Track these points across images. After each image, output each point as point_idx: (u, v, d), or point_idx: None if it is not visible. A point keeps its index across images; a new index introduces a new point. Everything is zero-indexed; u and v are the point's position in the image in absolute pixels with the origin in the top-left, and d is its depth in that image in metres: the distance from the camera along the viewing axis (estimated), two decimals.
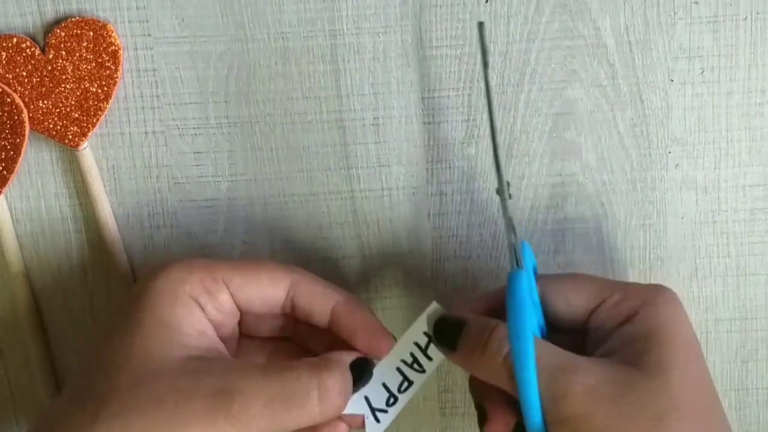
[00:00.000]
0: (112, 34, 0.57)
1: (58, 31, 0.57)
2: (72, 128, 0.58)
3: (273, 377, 0.48)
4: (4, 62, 0.57)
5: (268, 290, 0.52)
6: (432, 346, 0.53)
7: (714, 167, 0.60)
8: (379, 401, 0.53)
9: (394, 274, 0.61)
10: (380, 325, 0.53)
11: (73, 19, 0.57)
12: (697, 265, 0.61)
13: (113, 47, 0.57)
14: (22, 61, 0.57)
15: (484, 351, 0.49)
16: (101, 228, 0.60)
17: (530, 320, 0.48)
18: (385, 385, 0.53)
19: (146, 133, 0.59)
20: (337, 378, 0.49)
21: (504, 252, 0.61)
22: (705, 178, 0.60)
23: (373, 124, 0.59)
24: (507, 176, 0.60)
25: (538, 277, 0.53)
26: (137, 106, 0.59)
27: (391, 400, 0.54)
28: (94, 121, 0.58)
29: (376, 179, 0.60)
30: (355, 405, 0.53)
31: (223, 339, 0.52)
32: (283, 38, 0.58)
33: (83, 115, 0.58)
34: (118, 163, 0.59)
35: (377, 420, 0.53)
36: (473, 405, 0.56)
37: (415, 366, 0.53)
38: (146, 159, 0.59)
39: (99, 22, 0.57)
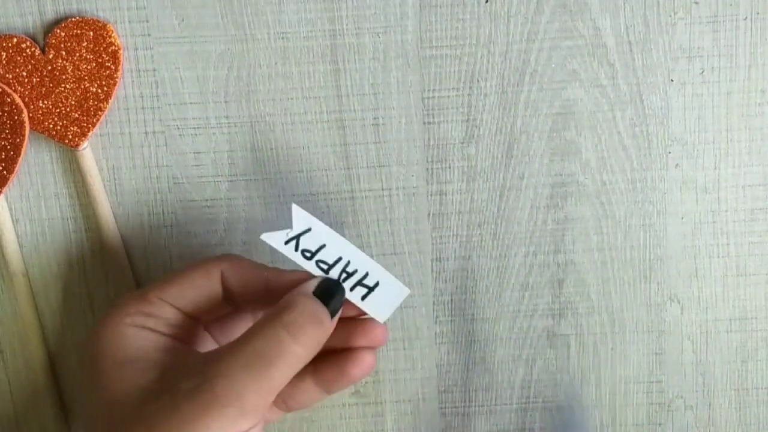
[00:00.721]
0: (112, 34, 0.57)
1: (58, 31, 0.57)
2: (72, 128, 0.58)
3: (240, 346, 0.48)
4: (4, 62, 0.57)
5: (205, 288, 0.53)
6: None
7: (714, 167, 0.60)
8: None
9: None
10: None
11: (73, 19, 0.57)
12: (697, 265, 0.61)
13: (113, 47, 0.57)
14: (22, 61, 0.57)
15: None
16: (101, 228, 0.60)
17: None
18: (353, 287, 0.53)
19: (146, 133, 0.59)
20: (300, 309, 0.49)
21: (503, 251, 0.61)
22: (705, 178, 0.60)
23: (373, 124, 0.59)
24: (507, 176, 0.60)
25: None
26: (137, 106, 0.59)
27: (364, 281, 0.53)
28: (94, 121, 0.58)
29: (376, 179, 0.60)
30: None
31: (193, 340, 0.54)
32: (283, 38, 0.58)
33: (83, 115, 0.58)
34: (118, 163, 0.59)
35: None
36: (472, 405, 0.56)
37: None
38: (146, 159, 0.59)
39: (99, 22, 0.57)
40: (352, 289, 0.53)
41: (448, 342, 0.62)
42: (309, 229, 0.53)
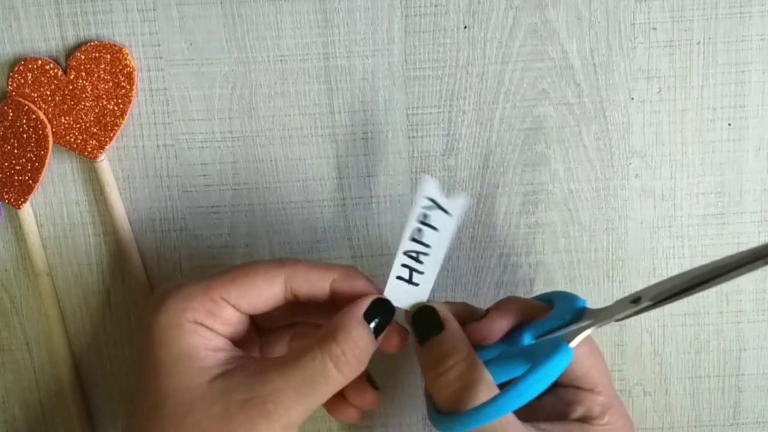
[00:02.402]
0: (128, 57, 0.59)
1: (79, 54, 0.59)
2: (91, 142, 0.60)
3: (291, 367, 0.49)
4: (30, 82, 0.59)
5: (266, 291, 0.52)
6: (434, 215, 0.52)
7: (670, 177, 0.62)
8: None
9: (381, 273, 0.62)
10: (375, 287, 0.53)
11: (92, 43, 0.59)
12: (655, 266, 0.63)
13: (128, 69, 0.59)
14: (46, 81, 0.59)
15: (440, 367, 0.50)
16: (117, 232, 0.61)
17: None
18: (405, 265, 0.53)
19: (158, 146, 0.61)
20: (344, 342, 0.49)
21: (480, 252, 0.62)
22: (662, 187, 0.62)
23: (362, 138, 0.61)
24: (484, 185, 0.61)
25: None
26: (150, 122, 0.60)
27: (415, 274, 0.53)
28: (111, 135, 0.59)
29: (366, 188, 0.62)
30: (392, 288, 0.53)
31: (242, 343, 0.53)
32: (281, 61, 0.60)
33: (101, 130, 0.59)
34: (133, 173, 0.61)
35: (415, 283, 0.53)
36: None
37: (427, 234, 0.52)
38: (158, 170, 0.61)
39: (115, 46, 0.59)
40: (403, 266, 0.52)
41: None
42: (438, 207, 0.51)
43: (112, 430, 0.65)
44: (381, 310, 0.52)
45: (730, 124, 0.62)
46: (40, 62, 0.59)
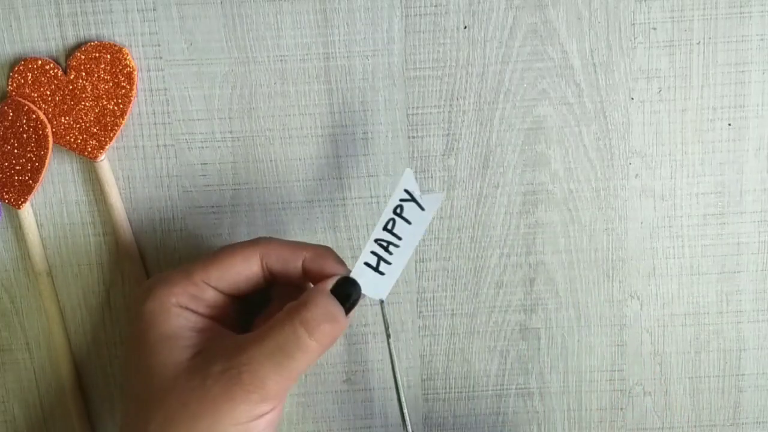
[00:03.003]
0: (127, 57, 0.59)
1: (79, 54, 0.59)
2: (91, 142, 0.59)
3: (264, 337, 0.50)
4: (30, 82, 0.59)
5: (244, 271, 0.54)
6: (408, 208, 0.54)
7: (670, 177, 0.62)
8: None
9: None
10: (345, 268, 0.54)
11: (92, 43, 0.59)
12: (655, 265, 0.63)
13: (128, 69, 0.59)
14: (46, 81, 0.59)
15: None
16: (117, 232, 0.61)
17: None
18: (374, 253, 0.54)
19: (158, 146, 0.61)
20: (316, 308, 0.51)
21: (480, 252, 0.63)
22: (662, 187, 0.62)
23: (362, 138, 0.61)
24: (484, 185, 0.62)
25: None
26: (150, 122, 0.60)
27: (382, 263, 0.55)
28: (111, 135, 0.59)
29: (366, 188, 0.62)
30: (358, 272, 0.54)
31: (229, 321, 0.55)
32: (281, 61, 0.60)
33: (101, 130, 0.59)
34: (133, 173, 0.61)
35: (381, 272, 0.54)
36: (452, 392, 0.59)
37: (398, 227, 0.54)
38: (158, 170, 0.61)
39: (115, 46, 0.59)
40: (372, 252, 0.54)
41: (430, 335, 0.64)
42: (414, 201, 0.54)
43: (111, 429, 0.65)
44: (349, 288, 0.54)
45: (730, 124, 0.62)
46: (40, 62, 0.59)
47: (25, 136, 0.59)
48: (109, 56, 0.59)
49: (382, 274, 0.54)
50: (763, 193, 0.63)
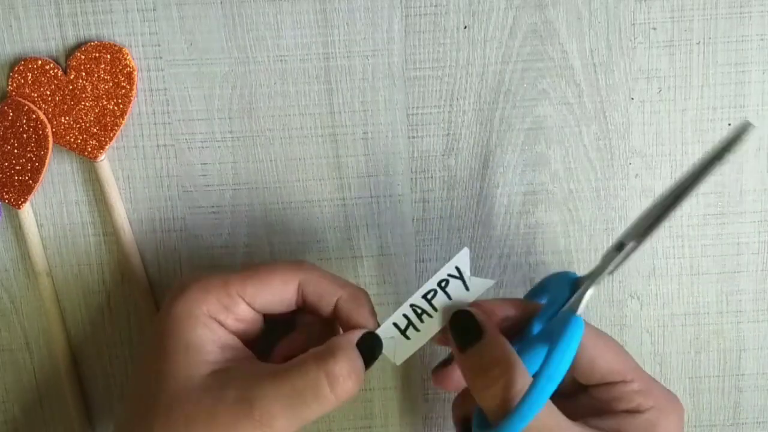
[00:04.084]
0: (127, 57, 0.59)
1: (79, 54, 0.59)
2: (91, 142, 0.60)
3: (285, 377, 0.49)
4: (30, 82, 0.59)
5: (280, 292, 0.53)
6: (453, 285, 0.53)
7: (670, 177, 0.62)
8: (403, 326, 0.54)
9: (381, 273, 0.62)
10: (374, 319, 0.53)
11: (92, 43, 0.59)
12: (655, 265, 0.63)
13: (128, 69, 0.59)
14: (46, 81, 0.59)
15: (486, 378, 0.49)
16: (117, 232, 0.61)
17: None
18: (406, 316, 0.53)
19: (158, 146, 0.61)
20: (344, 363, 0.49)
21: (480, 252, 0.63)
22: (662, 187, 0.62)
23: (362, 138, 0.61)
24: (484, 185, 0.62)
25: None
26: (150, 122, 0.60)
27: (410, 329, 0.54)
28: (111, 135, 0.60)
29: (366, 188, 0.62)
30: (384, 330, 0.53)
31: (252, 340, 0.54)
32: (281, 61, 0.60)
33: (101, 130, 0.59)
34: (133, 173, 0.61)
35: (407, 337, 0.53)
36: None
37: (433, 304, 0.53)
38: (158, 170, 0.61)
39: (115, 46, 0.59)
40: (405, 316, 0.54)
41: None
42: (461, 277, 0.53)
43: (111, 429, 0.65)
44: (374, 345, 0.53)
45: (729, 124, 0.62)
46: (40, 62, 0.59)
47: (25, 136, 0.59)
48: (109, 56, 0.59)
49: (407, 338, 0.54)
50: (763, 193, 0.63)
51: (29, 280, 0.63)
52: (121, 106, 0.60)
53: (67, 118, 0.60)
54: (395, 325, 0.54)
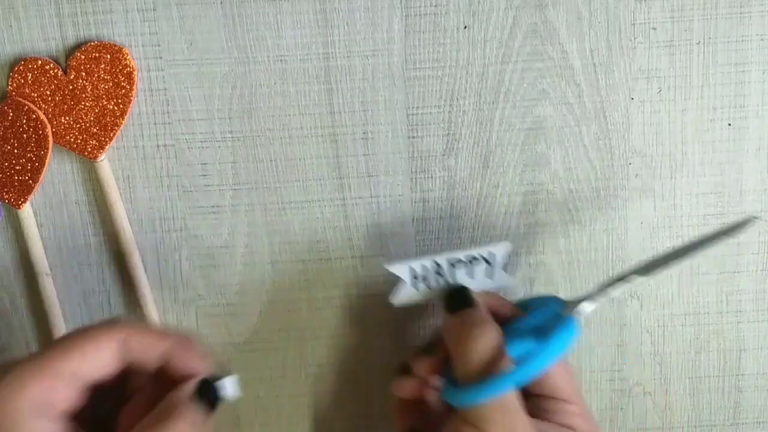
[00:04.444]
0: (127, 57, 0.59)
1: (79, 54, 0.59)
2: (91, 142, 0.60)
3: None
4: (30, 82, 0.59)
5: (98, 359, 0.47)
6: (479, 268, 0.57)
7: (670, 177, 0.62)
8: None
9: (381, 273, 0.62)
10: (206, 362, 0.50)
11: (92, 43, 0.59)
12: None
13: (128, 69, 0.59)
14: (46, 81, 0.59)
15: (470, 336, 0.52)
16: (117, 232, 0.61)
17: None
18: (425, 267, 0.56)
19: (158, 146, 0.61)
20: (182, 423, 0.46)
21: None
22: (662, 187, 0.62)
23: (362, 138, 0.61)
24: (484, 185, 0.62)
25: None
26: (150, 122, 0.61)
27: (421, 282, 0.57)
28: (111, 135, 0.60)
29: (366, 188, 0.62)
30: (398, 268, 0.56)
31: (88, 413, 0.48)
32: (281, 61, 0.60)
33: (101, 130, 0.60)
34: (133, 173, 0.61)
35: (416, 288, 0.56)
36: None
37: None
38: (158, 170, 0.61)
39: (115, 46, 0.59)
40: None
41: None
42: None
43: None
44: (212, 392, 0.49)
45: (730, 124, 0.62)
46: (40, 62, 0.59)
47: (25, 136, 0.60)
48: (109, 56, 0.60)
49: (415, 288, 0.56)
50: (763, 193, 0.63)
51: (29, 280, 0.63)
52: (121, 106, 0.60)
53: (67, 118, 0.60)
54: (411, 268, 0.56)
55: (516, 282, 0.56)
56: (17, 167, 0.60)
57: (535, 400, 0.55)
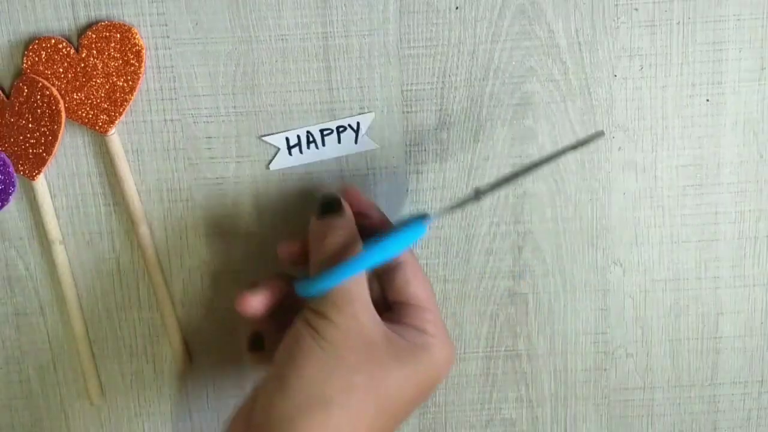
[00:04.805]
0: (136, 36, 0.60)
1: (90, 33, 0.60)
2: (102, 116, 0.61)
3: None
4: (43, 60, 0.60)
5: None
6: (347, 135, 0.62)
7: (651, 150, 0.63)
8: None
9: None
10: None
11: (102, 23, 0.60)
12: (637, 234, 0.65)
13: (137, 47, 0.60)
14: (59, 59, 0.60)
15: (328, 238, 0.55)
16: (127, 202, 0.62)
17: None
18: (299, 137, 0.62)
19: (165, 120, 0.62)
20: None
21: (470, 221, 0.64)
22: (644, 160, 0.63)
23: (359, 113, 0.62)
24: (474, 158, 0.63)
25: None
26: (158, 98, 0.61)
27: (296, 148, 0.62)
28: (121, 110, 0.61)
29: (362, 160, 0.63)
30: None
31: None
32: (282, 39, 0.61)
33: (111, 106, 0.61)
34: (141, 146, 0.62)
35: None
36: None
37: None
38: (165, 143, 0.62)
39: (125, 25, 0.60)
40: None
41: None
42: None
43: (122, 389, 0.67)
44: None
45: (708, 100, 0.63)
46: (53, 41, 0.60)
47: (39, 111, 0.60)
48: (118, 35, 0.60)
49: (289, 154, 0.62)
50: (740, 165, 0.64)
51: (43, 248, 0.64)
52: (130, 82, 0.61)
53: (79, 94, 0.61)
54: (286, 138, 0.61)
55: (376, 145, 0.60)
56: (32, 141, 0.61)
57: (395, 307, 0.57)
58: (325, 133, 0.61)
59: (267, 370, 0.53)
